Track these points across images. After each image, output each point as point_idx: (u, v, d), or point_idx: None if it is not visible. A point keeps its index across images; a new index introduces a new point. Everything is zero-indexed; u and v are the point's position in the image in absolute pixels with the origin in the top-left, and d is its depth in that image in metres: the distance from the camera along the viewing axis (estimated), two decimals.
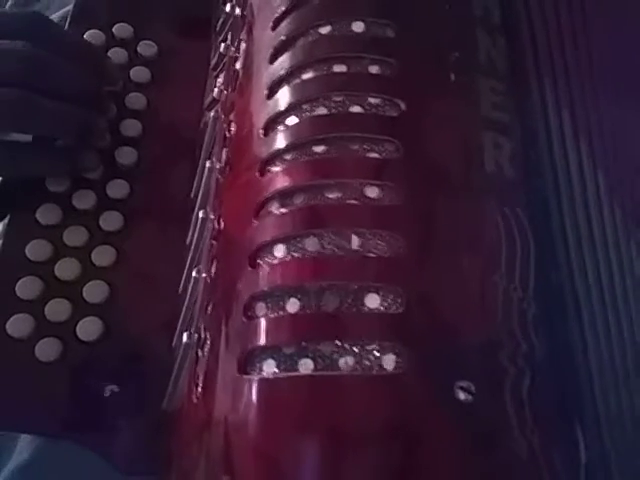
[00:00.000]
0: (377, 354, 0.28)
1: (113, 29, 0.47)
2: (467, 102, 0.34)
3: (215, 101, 0.42)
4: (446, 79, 0.34)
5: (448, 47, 0.34)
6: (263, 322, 0.30)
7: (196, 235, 0.39)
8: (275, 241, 0.31)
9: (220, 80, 0.44)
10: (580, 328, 0.32)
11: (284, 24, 0.36)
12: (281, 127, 0.34)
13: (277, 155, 0.33)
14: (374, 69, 0.34)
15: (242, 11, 0.42)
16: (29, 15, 0.41)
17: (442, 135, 0.33)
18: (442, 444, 0.28)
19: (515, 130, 0.34)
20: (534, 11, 0.36)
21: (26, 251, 0.40)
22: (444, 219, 0.31)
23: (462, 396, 0.28)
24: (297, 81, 0.34)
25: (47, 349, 0.38)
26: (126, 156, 0.44)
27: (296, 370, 0.29)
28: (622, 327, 0.32)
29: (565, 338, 0.31)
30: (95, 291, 0.40)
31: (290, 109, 0.34)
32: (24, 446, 0.45)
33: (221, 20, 0.45)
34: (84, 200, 0.42)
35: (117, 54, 0.47)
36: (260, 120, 0.35)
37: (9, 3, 0.65)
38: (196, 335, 0.35)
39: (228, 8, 0.43)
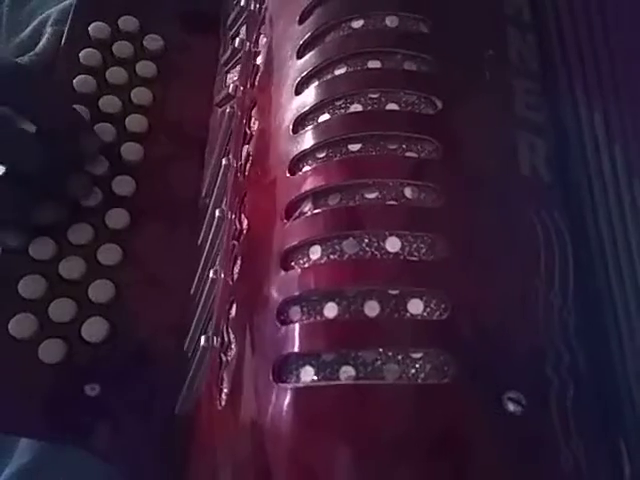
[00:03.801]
0: (422, 362, 0.26)
1: (119, 22, 0.44)
2: (502, 101, 0.31)
3: (229, 97, 0.39)
4: (482, 77, 0.31)
5: (482, 44, 0.32)
6: (299, 327, 0.28)
7: (211, 235, 0.35)
8: (310, 242, 0.29)
9: (232, 76, 0.41)
10: (619, 338, 0.29)
11: (312, 18, 0.33)
12: (312, 124, 0.31)
13: (308, 153, 0.31)
14: (409, 65, 0.31)
15: (259, 5, 0.39)
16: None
17: (478, 135, 0.30)
18: (491, 457, 0.25)
19: (549, 131, 0.31)
20: (562, 9, 0.34)
21: (29, 249, 0.37)
22: (484, 221, 0.29)
23: (512, 407, 0.25)
24: (329, 77, 0.32)
25: (51, 350, 0.35)
26: (132, 152, 0.41)
27: (337, 378, 0.26)
28: None
29: (604, 348, 0.29)
30: (100, 291, 0.37)
31: (322, 106, 0.31)
32: (25, 448, 0.42)
33: (233, 15, 0.42)
34: (89, 197, 0.39)
35: (122, 47, 0.44)
36: (288, 117, 0.32)
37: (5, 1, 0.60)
38: (217, 338, 0.31)
39: (243, 2, 0.40)
